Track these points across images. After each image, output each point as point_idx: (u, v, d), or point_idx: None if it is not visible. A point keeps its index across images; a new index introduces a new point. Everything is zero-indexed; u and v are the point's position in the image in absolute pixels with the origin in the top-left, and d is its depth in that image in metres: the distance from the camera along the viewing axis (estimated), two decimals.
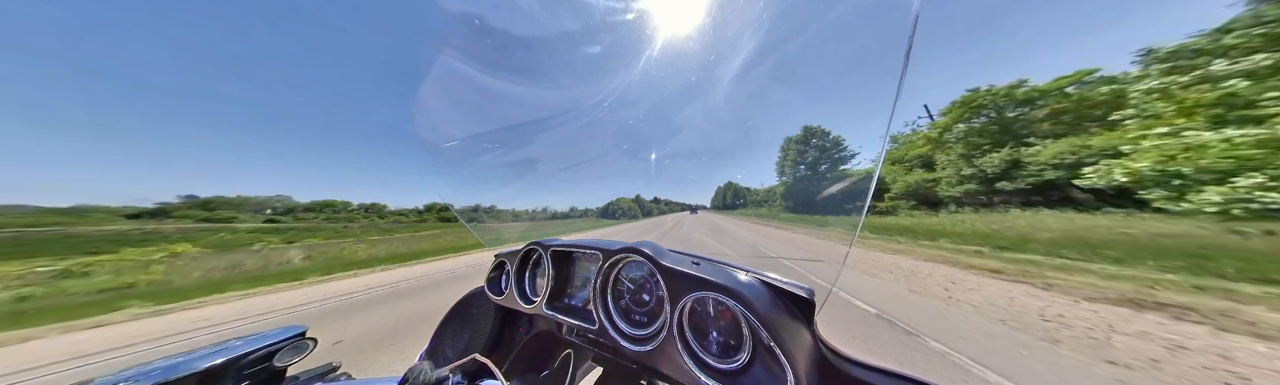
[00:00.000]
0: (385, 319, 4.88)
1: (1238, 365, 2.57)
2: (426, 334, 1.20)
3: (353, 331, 4.35)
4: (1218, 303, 3.86)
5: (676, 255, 0.78)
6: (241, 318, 6.03)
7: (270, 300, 7.72)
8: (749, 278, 0.64)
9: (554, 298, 0.96)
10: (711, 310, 0.63)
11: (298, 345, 0.92)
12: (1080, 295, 4.29)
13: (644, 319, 0.75)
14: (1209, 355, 2.73)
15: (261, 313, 6.31)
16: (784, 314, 0.57)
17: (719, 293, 0.59)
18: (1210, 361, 2.63)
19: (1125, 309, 3.79)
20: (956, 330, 3.24)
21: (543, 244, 1.03)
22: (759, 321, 0.53)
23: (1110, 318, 3.54)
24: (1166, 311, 3.66)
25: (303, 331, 0.94)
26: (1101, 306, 3.89)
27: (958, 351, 2.81)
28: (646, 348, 0.66)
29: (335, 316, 5.41)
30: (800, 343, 0.55)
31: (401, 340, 3.85)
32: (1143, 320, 3.46)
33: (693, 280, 0.63)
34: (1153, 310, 3.70)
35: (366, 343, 3.84)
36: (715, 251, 9.37)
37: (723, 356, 0.58)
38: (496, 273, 1.17)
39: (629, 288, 0.80)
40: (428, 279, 8.94)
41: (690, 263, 0.70)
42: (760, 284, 0.63)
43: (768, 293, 0.60)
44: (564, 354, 0.99)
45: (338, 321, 5.01)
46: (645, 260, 0.73)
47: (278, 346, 0.87)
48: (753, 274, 0.67)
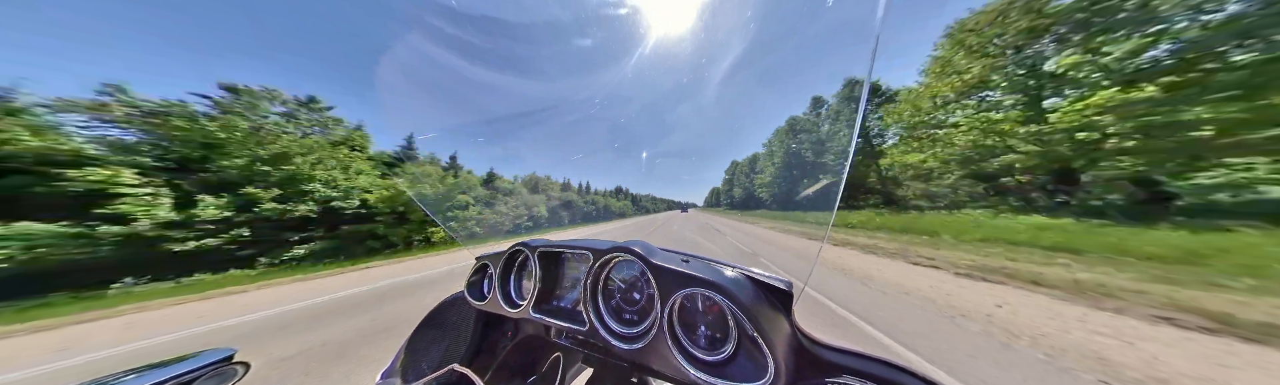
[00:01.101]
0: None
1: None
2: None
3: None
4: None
5: (666, 253, 0.79)
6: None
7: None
8: (734, 273, 0.66)
9: (542, 300, 0.93)
10: (700, 306, 0.65)
11: (222, 372, 0.79)
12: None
13: (634, 317, 0.76)
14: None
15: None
16: (766, 306, 0.60)
17: (708, 289, 0.60)
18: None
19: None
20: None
21: (529, 245, 1.00)
22: (744, 314, 0.56)
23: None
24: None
25: (230, 355, 0.82)
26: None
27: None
28: (638, 345, 0.67)
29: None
30: (780, 332, 0.58)
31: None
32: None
33: (683, 277, 0.65)
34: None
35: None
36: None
37: (710, 349, 0.61)
38: (478, 276, 1.12)
39: (620, 287, 0.81)
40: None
41: (680, 261, 0.71)
42: (745, 279, 0.65)
43: (751, 286, 0.63)
44: (553, 357, 0.97)
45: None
46: (636, 259, 0.73)
47: (196, 374, 0.74)
48: (737, 269, 0.69)
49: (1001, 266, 5.77)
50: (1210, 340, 2.94)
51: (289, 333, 4.29)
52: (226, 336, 4.47)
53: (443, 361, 0.97)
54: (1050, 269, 5.46)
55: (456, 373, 0.65)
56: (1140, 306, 3.73)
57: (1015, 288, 4.63)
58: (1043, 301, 4.01)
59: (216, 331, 4.74)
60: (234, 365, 0.82)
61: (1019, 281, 4.86)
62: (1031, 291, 4.43)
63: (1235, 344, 2.86)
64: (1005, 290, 4.52)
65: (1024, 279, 4.93)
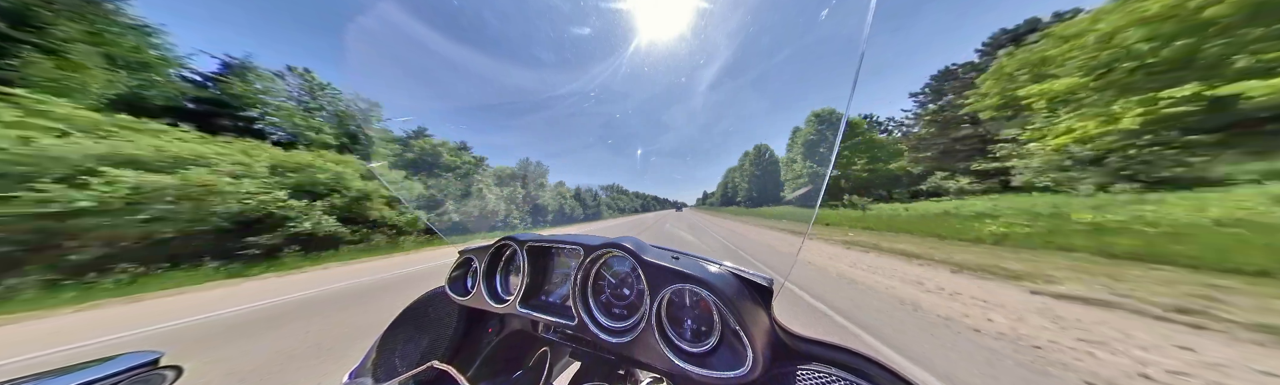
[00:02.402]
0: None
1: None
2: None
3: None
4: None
5: (657, 250, 0.80)
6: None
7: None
8: (720, 270, 0.70)
9: (529, 295, 0.93)
10: (687, 300, 0.68)
11: (146, 379, 0.72)
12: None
13: (624, 312, 0.78)
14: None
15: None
16: (749, 301, 0.64)
17: (696, 285, 0.64)
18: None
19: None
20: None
21: (517, 239, 0.98)
22: (729, 309, 0.59)
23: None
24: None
25: (155, 359, 0.75)
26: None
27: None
28: (626, 339, 0.69)
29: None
30: (760, 325, 0.62)
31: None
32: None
33: (673, 273, 0.67)
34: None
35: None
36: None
37: (695, 341, 0.64)
38: (461, 271, 1.10)
39: (611, 282, 0.82)
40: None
41: (670, 257, 0.74)
42: (731, 276, 0.68)
43: (736, 283, 0.66)
44: (540, 352, 0.97)
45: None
46: (628, 255, 0.75)
47: (112, 382, 0.67)
48: (723, 266, 0.73)
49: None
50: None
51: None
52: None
53: (421, 359, 0.94)
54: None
55: (436, 369, 0.64)
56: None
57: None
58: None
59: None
60: (161, 370, 0.75)
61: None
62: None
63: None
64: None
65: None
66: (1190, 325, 3.26)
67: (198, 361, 3.12)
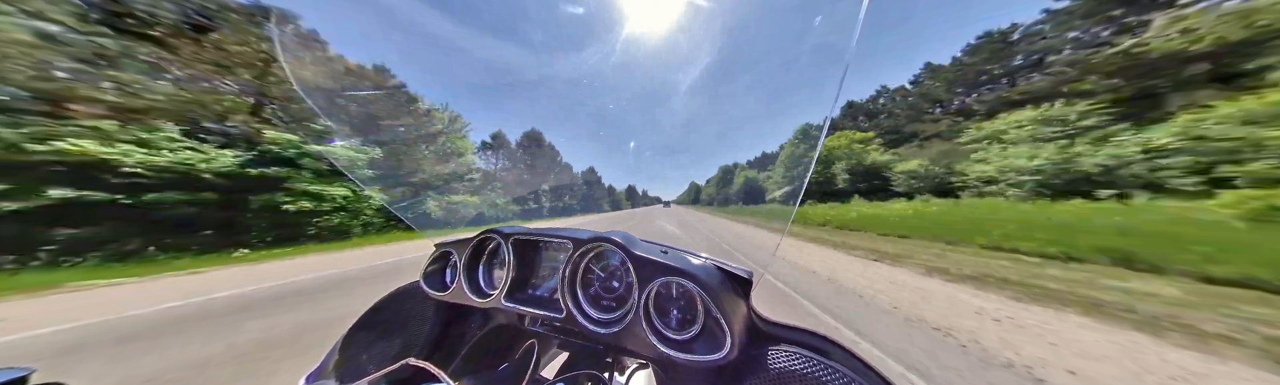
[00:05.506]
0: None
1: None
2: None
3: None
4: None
5: (646, 244, 0.83)
6: None
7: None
8: (706, 263, 0.74)
9: (515, 289, 0.91)
10: (674, 292, 0.72)
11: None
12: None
13: (612, 304, 0.81)
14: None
15: None
16: (731, 292, 0.69)
17: (684, 278, 0.68)
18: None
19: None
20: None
21: (501, 232, 0.95)
22: (712, 300, 0.64)
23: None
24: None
25: (23, 376, 0.66)
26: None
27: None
28: (615, 329, 0.73)
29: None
30: (739, 313, 0.67)
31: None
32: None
33: (662, 267, 0.71)
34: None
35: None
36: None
37: (680, 329, 0.68)
38: (438, 265, 1.05)
39: (600, 276, 0.84)
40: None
41: (659, 251, 0.77)
42: (715, 269, 0.73)
43: (720, 275, 0.71)
44: (527, 344, 0.98)
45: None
46: (618, 249, 0.77)
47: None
48: (708, 260, 0.78)
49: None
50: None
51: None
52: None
53: (395, 357, 0.90)
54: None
55: (412, 366, 0.63)
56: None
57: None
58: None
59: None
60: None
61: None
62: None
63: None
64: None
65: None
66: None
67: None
